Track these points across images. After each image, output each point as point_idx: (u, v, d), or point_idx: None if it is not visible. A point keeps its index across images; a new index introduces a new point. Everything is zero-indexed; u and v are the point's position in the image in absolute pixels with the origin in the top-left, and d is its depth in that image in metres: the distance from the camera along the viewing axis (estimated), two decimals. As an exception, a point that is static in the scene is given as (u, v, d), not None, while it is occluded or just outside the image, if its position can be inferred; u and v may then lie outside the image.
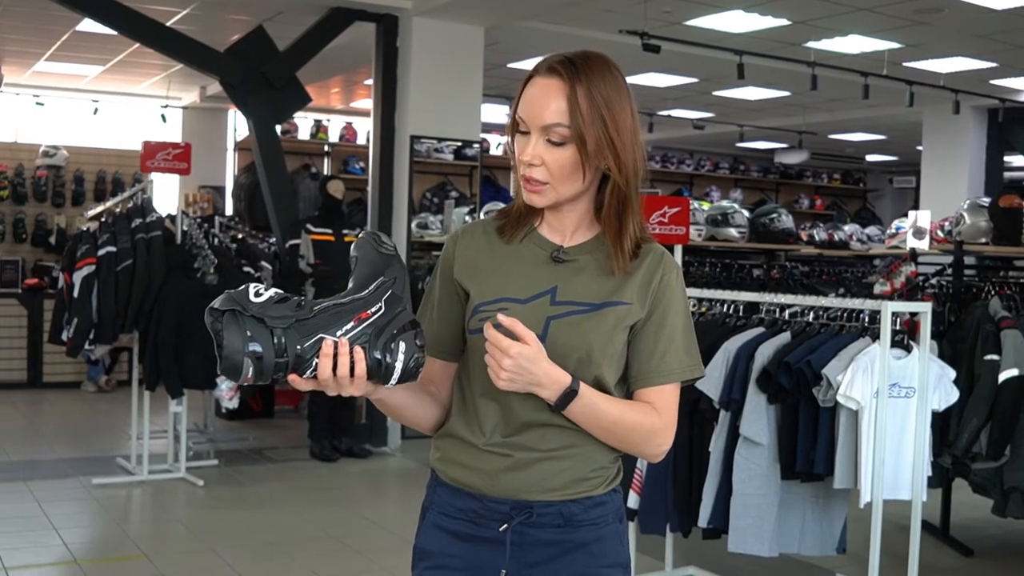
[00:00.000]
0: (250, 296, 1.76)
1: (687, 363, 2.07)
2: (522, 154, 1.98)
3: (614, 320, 2.01)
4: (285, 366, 1.75)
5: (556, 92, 1.95)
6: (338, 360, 1.78)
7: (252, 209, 12.15)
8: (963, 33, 9.26)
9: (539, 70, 1.99)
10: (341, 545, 5.91)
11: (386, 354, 1.80)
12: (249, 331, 1.73)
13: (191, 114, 14.09)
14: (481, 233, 2.12)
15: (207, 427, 8.81)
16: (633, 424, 2.02)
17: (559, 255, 2.06)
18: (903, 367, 4.36)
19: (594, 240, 2.07)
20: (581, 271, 2.05)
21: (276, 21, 8.84)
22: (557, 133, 1.95)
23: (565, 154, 1.96)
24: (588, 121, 1.94)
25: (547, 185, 1.98)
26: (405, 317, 1.83)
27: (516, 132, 2.01)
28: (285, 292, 1.82)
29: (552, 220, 2.08)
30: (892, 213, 19.82)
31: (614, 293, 2.02)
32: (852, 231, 11.08)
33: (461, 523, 2.08)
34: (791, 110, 13.83)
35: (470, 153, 13.22)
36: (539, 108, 1.96)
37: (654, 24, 8.52)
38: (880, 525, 4.32)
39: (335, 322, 1.80)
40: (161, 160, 7.40)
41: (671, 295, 2.06)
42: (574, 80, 1.95)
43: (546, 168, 1.97)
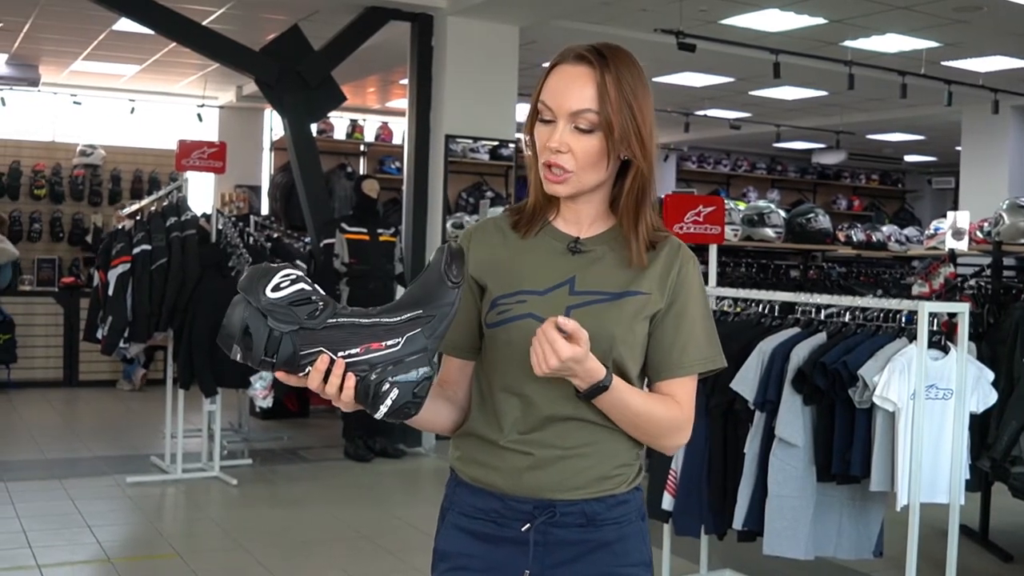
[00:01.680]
0: (266, 289, 1.75)
1: (707, 354, 2.05)
2: (549, 141, 1.95)
3: (634, 309, 1.99)
4: (271, 364, 1.74)
5: (585, 79, 1.94)
6: (329, 378, 1.77)
7: (288, 208, 12.18)
8: (1002, 32, 9.15)
9: (564, 58, 1.98)
10: (373, 545, 5.90)
11: (377, 394, 1.76)
12: (249, 322, 1.73)
13: (227, 113, 14.16)
14: (495, 229, 2.11)
15: (242, 426, 8.83)
16: (659, 418, 2.00)
17: (576, 246, 2.04)
18: (940, 368, 4.30)
19: (610, 232, 2.06)
20: (598, 261, 2.03)
21: (312, 20, 8.85)
22: (585, 119, 1.93)
23: (592, 142, 1.95)
24: (616, 108, 1.93)
25: (571, 173, 1.97)
26: (417, 364, 1.77)
27: (537, 121, 1.99)
28: (314, 289, 1.79)
29: (567, 213, 2.07)
30: (931, 214, 19.63)
31: (632, 283, 2.01)
32: (890, 232, 10.97)
33: (482, 523, 2.05)
34: (828, 110, 13.71)
35: (506, 153, 13.21)
36: (567, 94, 1.94)
37: (689, 23, 8.47)
38: (918, 529, 4.25)
39: (342, 341, 1.76)
40: (196, 159, 7.43)
41: (689, 286, 2.04)
42: (603, 68, 1.94)
43: (572, 156, 1.95)
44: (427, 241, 8.64)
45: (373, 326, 1.78)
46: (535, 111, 2.00)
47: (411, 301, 1.81)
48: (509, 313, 1.99)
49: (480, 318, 2.06)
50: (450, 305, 1.80)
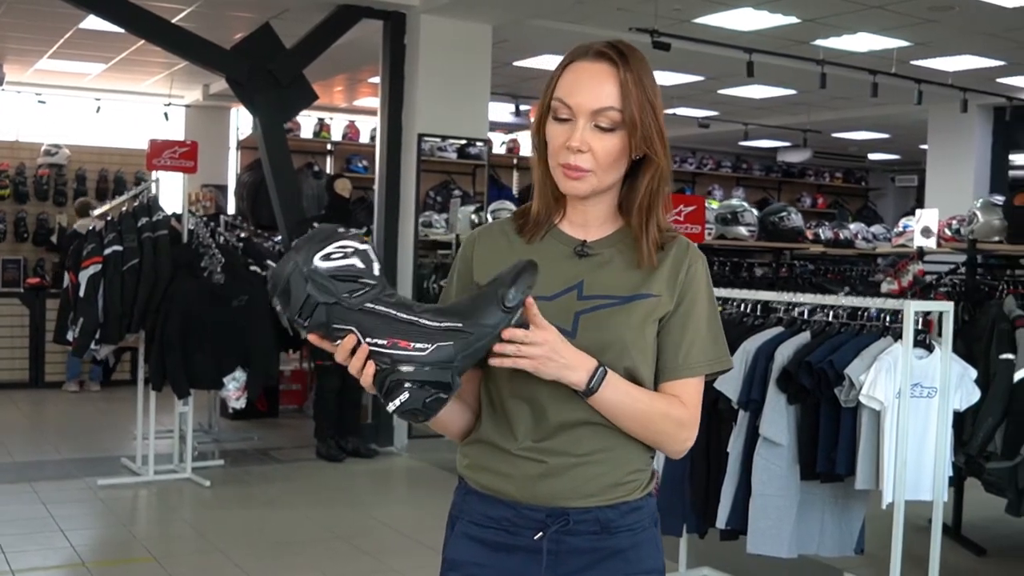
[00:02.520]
0: (316, 255, 1.74)
1: (713, 355, 2.03)
2: (570, 140, 1.92)
3: (644, 313, 1.97)
4: (304, 327, 1.75)
5: (606, 76, 1.92)
6: (352, 359, 1.77)
7: (255, 208, 12.12)
8: (972, 31, 9.21)
9: (580, 56, 1.96)
10: (349, 546, 5.86)
11: (389, 390, 1.76)
12: (291, 281, 1.73)
13: (194, 112, 14.04)
14: (500, 234, 2.08)
15: (212, 427, 8.76)
16: (663, 414, 1.98)
17: (583, 249, 2.02)
18: (925, 367, 4.32)
19: (617, 233, 2.04)
20: (607, 264, 2.01)
21: (282, 19, 8.78)
22: (608, 118, 1.92)
23: (614, 140, 1.93)
24: (639, 106, 1.92)
25: (590, 172, 1.94)
26: (437, 376, 1.75)
27: (551, 120, 1.96)
28: (367, 268, 1.77)
29: (574, 215, 2.04)
30: (894, 212, 19.79)
31: (642, 285, 1.98)
32: (857, 230, 11.06)
33: (493, 532, 2.02)
34: (796, 108, 13.77)
35: (473, 152, 13.18)
36: (590, 92, 1.92)
37: (663, 22, 8.47)
38: (902, 526, 4.28)
39: (373, 328, 1.75)
40: (167, 158, 7.35)
41: (698, 286, 2.02)
42: (624, 66, 1.93)
43: (592, 155, 1.93)
44: (399, 240, 8.59)
45: (408, 324, 1.76)
46: (546, 110, 1.97)
47: (458, 310, 1.79)
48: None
49: None
50: (492, 328, 1.77)
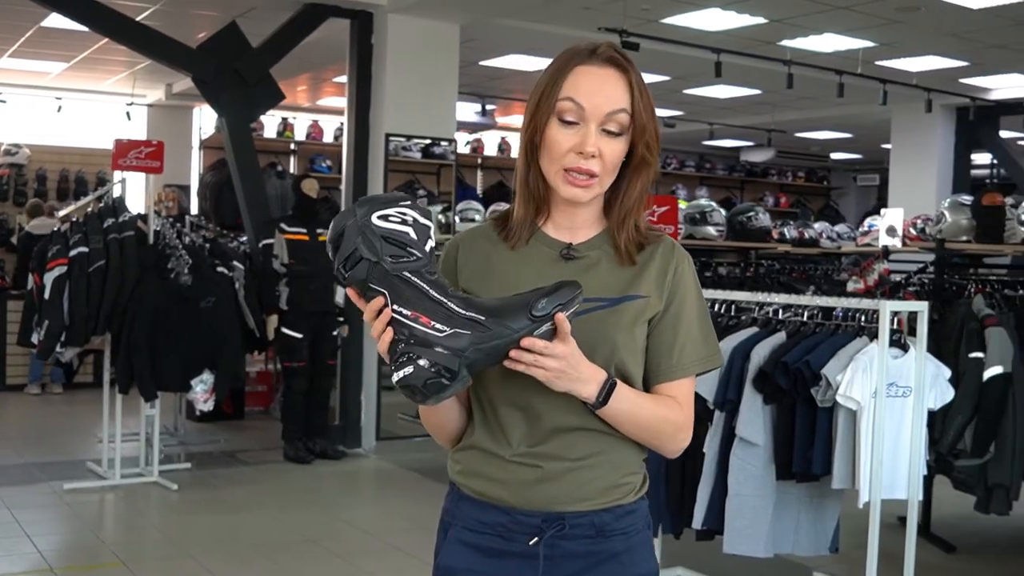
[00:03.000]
0: (375, 213, 1.77)
1: (705, 353, 2.03)
2: (584, 145, 1.90)
3: (633, 314, 1.96)
4: (344, 278, 1.79)
5: (618, 81, 1.94)
6: (376, 320, 1.79)
7: (218, 208, 12.00)
8: (937, 32, 9.28)
9: (585, 59, 1.95)
10: (321, 549, 5.82)
11: (397, 361, 1.77)
12: (346, 231, 1.77)
13: (156, 112, 13.90)
14: (483, 239, 2.05)
15: (177, 429, 8.68)
16: (664, 418, 1.99)
17: (569, 253, 2.00)
18: (900, 366, 4.34)
19: (602, 235, 2.03)
20: (593, 267, 1.99)
21: (248, 17, 8.71)
22: (618, 122, 1.92)
23: (620, 145, 1.94)
24: (645, 111, 1.95)
25: (597, 178, 1.93)
26: (444, 360, 1.74)
27: (557, 122, 1.93)
28: (419, 240, 1.78)
29: (561, 218, 2.02)
30: (855, 211, 19.93)
31: (630, 287, 1.98)
32: (822, 229, 11.10)
33: (488, 538, 2.00)
34: (760, 108, 13.83)
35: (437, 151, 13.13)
36: (603, 96, 1.92)
37: (631, 22, 8.48)
38: (878, 525, 4.30)
39: (404, 297, 1.77)
40: (133, 159, 7.27)
41: (686, 286, 2.02)
42: (630, 71, 1.95)
43: (600, 160, 1.92)
44: (367, 240, 8.53)
45: (436, 303, 1.77)
46: (549, 112, 1.94)
47: (489, 307, 1.78)
48: None
49: None
50: (512, 332, 1.76)
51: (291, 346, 7.85)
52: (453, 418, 2.04)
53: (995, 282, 6.12)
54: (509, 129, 15.81)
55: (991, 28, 9.06)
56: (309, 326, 7.84)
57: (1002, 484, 5.33)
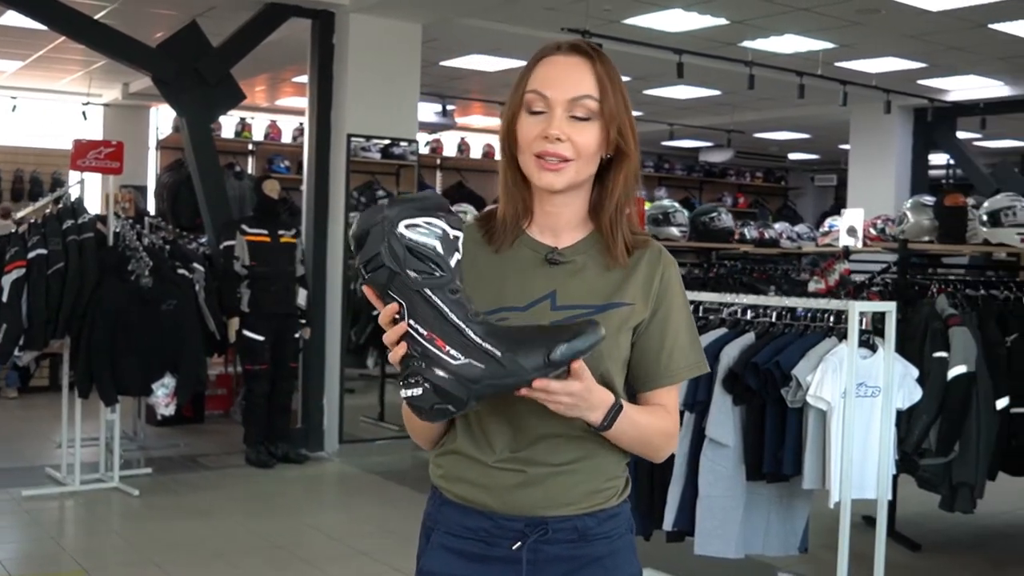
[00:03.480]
0: (403, 220, 1.71)
1: (692, 360, 2.03)
2: (548, 129, 1.89)
3: (618, 321, 1.95)
4: (364, 277, 1.75)
5: (583, 67, 1.92)
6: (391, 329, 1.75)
7: (175, 209, 11.86)
8: (896, 34, 9.35)
9: (552, 51, 1.96)
10: (288, 554, 5.77)
11: (405, 378, 1.75)
12: (371, 232, 1.71)
13: (112, 112, 13.74)
14: (467, 239, 1.99)
15: (137, 434, 8.58)
16: (660, 430, 2.00)
17: (554, 257, 1.98)
18: (869, 367, 4.36)
19: (588, 239, 2.00)
20: (579, 272, 1.97)
21: (208, 17, 8.62)
22: (584, 107, 1.90)
23: (591, 130, 1.91)
24: (613, 97, 1.92)
25: (570, 163, 1.91)
26: (453, 388, 1.71)
27: (525, 114, 1.93)
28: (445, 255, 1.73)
29: (543, 219, 2.00)
30: (813, 211, 20.07)
31: (616, 293, 1.96)
32: (782, 229, 11.15)
33: (471, 543, 1.98)
34: (720, 109, 13.88)
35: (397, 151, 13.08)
36: (566, 81, 1.91)
37: (593, 22, 8.48)
38: (848, 525, 4.32)
39: (421, 314, 1.72)
40: (92, 159, 7.16)
41: (673, 292, 2.01)
42: (596, 59, 1.93)
43: (571, 145, 1.90)
44: (328, 242, 8.49)
45: (454, 327, 1.72)
46: (518, 107, 1.94)
47: (507, 338, 1.74)
48: None
49: None
50: (527, 372, 1.72)
51: (252, 349, 7.77)
52: (436, 429, 2.03)
53: (957, 282, 6.17)
54: (469, 129, 15.79)
55: (949, 30, 9.14)
56: (271, 328, 7.77)
57: (966, 483, 5.37)
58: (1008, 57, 10.25)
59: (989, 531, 6.51)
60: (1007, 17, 8.69)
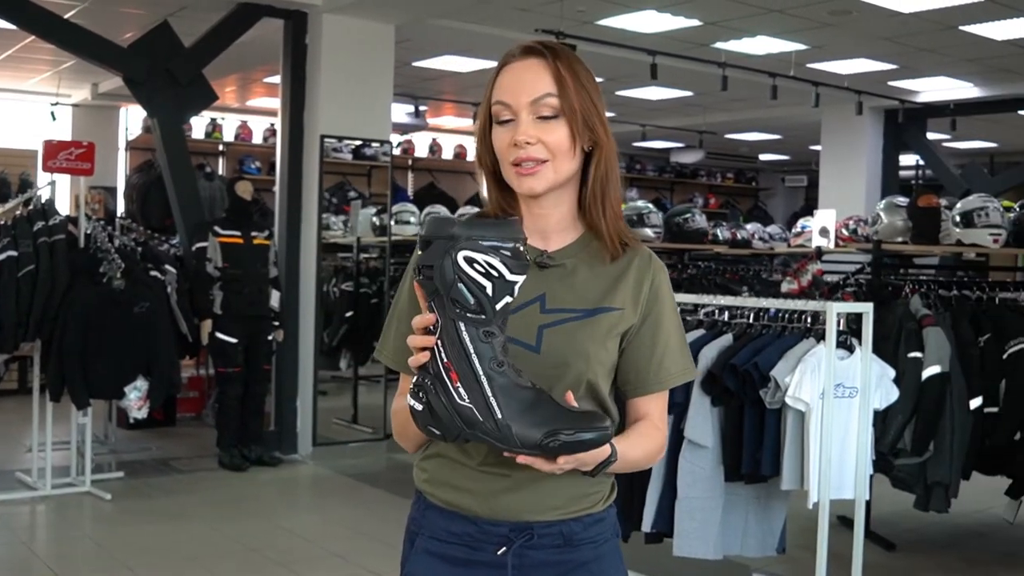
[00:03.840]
0: (463, 251, 1.68)
1: (682, 366, 2.03)
2: (516, 136, 1.89)
3: (607, 327, 1.94)
4: (416, 275, 1.75)
5: (539, 68, 1.91)
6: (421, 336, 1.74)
7: (145, 210, 11.79)
8: (868, 35, 9.40)
9: (510, 58, 1.95)
10: (263, 558, 5.73)
11: (416, 393, 1.73)
12: (435, 244, 1.70)
13: (81, 112, 13.60)
14: None
15: (108, 437, 8.51)
16: (650, 454, 2.01)
17: (544, 260, 1.97)
18: (847, 367, 4.37)
19: (579, 242, 2.00)
20: (569, 275, 1.96)
21: (180, 16, 8.56)
22: (547, 106, 1.89)
23: (560, 128, 1.90)
24: (575, 91, 1.90)
25: (547, 163, 1.90)
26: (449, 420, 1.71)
27: (495, 126, 1.93)
28: (491, 297, 1.69)
29: (532, 224, 1.99)
30: (783, 211, 20.16)
31: (605, 298, 1.95)
32: (754, 230, 11.21)
33: (455, 547, 1.97)
34: (691, 110, 13.92)
35: (368, 152, 13.05)
36: (524, 84, 1.90)
37: (567, 24, 8.48)
38: (827, 525, 4.32)
39: (448, 343, 1.70)
40: (63, 160, 7.09)
41: (663, 298, 2.01)
42: (552, 57, 1.92)
43: (543, 146, 1.89)
44: (301, 244, 8.44)
45: (471, 370, 1.70)
46: (487, 118, 1.95)
47: (520, 402, 1.72)
48: None
49: None
50: (516, 445, 1.71)
51: (225, 351, 7.72)
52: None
53: (930, 283, 6.20)
54: (441, 130, 15.76)
55: (920, 32, 9.20)
56: (243, 331, 7.72)
57: (941, 482, 5.39)
58: (978, 59, 10.33)
59: (963, 530, 6.54)
60: (977, 19, 8.76)
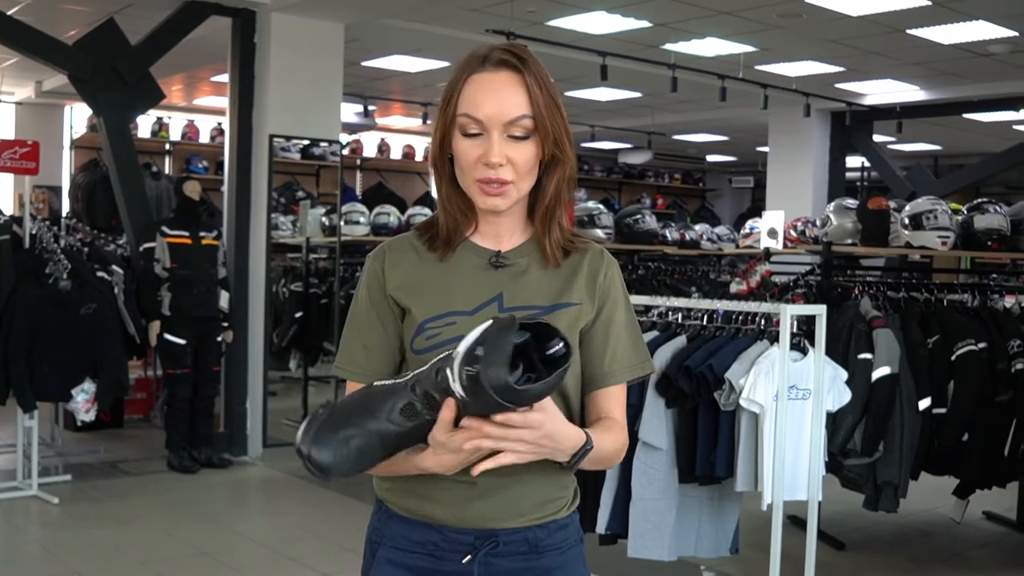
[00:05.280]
0: (506, 369, 1.61)
1: (635, 360, 2.01)
2: (489, 156, 1.85)
3: (568, 321, 1.93)
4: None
5: (514, 85, 1.87)
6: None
7: (91, 210, 11.65)
8: (816, 38, 9.50)
9: (478, 66, 1.89)
10: (214, 562, 5.67)
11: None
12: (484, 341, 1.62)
13: (25, 110, 13.41)
14: (409, 248, 2.00)
15: (55, 440, 8.39)
16: (616, 450, 1.98)
17: (499, 260, 1.96)
18: (800, 369, 4.40)
19: (530, 242, 1.99)
20: (524, 274, 1.96)
21: (126, 14, 8.46)
22: (521, 126, 1.86)
23: (529, 148, 1.88)
24: (546, 110, 1.87)
25: (511, 184, 1.88)
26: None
27: (460, 136, 1.88)
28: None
29: (487, 228, 1.98)
30: (730, 212, 20.32)
31: (562, 294, 1.95)
32: (703, 231, 11.29)
33: (419, 556, 1.95)
34: (639, 111, 13.98)
35: (317, 152, 13.01)
36: (500, 104, 1.86)
37: (517, 24, 8.48)
38: (780, 526, 4.35)
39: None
40: (7, 159, 6.99)
41: (616, 292, 2.01)
42: (526, 71, 1.87)
43: (511, 167, 1.87)
44: (250, 244, 8.37)
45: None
46: (450, 125, 1.90)
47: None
48: (439, 337, 1.89)
49: (401, 344, 1.96)
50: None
51: (174, 353, 7.64)
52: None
53: (879, 284, 6.27)
54: (389, 130, 15.71)
55: (867, 35, 9.31)
56: (192, 332, 7.65)
57: (890, 482, 5.45)
58: (923, 62, 10.46)
59: (911, 529, 6.62)
60: (923, 23, 8.88)
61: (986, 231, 6.60)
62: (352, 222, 10.03)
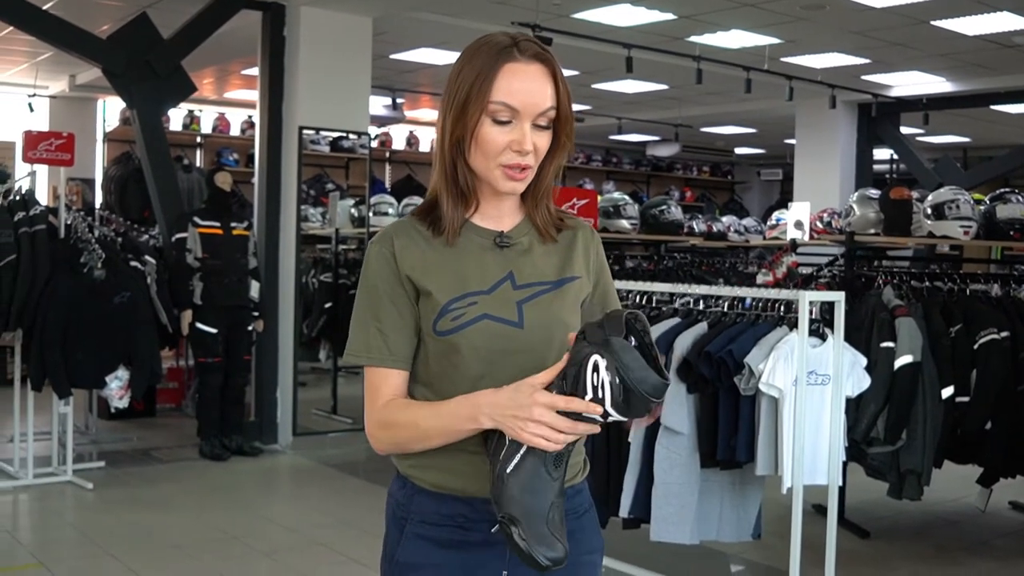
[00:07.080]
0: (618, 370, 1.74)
1: None
2: (522, 143, 1.92)
3: (574, 295, 2.04)
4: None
5: (546, 78, 1.95)
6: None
7: (123, 202, 11.81)
8: (841, 30, 9.51)
9: (514, 56, 1.93)
10: (244, 546, 5.78)
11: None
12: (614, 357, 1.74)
13: (59, 104, 13.59)
14: (414, 232, 2.03)
15: (88, 427, 8.53)
16: None
17: (503, 240, 2.03)
18: (819, 355, 4.45)
19: (525, 221, 2.08)
20: (528, 252, 2.04)
21: (158, 8, 8.58)
22: (547, 116, 1.95)
23: (549, 136, 1.98)
24: (567, 101, 1.98)
25: (531, 169, 1.98)
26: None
27: (491, 122, 1.93)
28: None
29: (488, 208, 2.04)
30: (759, 205, 20.29)
31: (565, 268, 2.05)
32: (730, 222, 11.32)
33: (448, 530, 1.99)
34: (667, 103, 14.01)
35: (346, 144, 13.12)
36: (533, 95, 1.93)
37: (543, 16, 8.54)
38: (801, 511, 4.40)
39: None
40: (43, 151, 7.12)
41: (604, 265, 2.15)
42: (554, 64, 1.97)
43: (534, 153, 1.96)
44: (280, 235, 8.48)
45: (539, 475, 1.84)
46: (480, 113, 1.93)
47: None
48: (464, 317, 1.94)
49: (417, 326, 2.01)
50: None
51: (205, 342, 7.76)
52: None
53: (902, 273, 6.30)
54: (418, 123, 15.79)
55: (892, 26, 9.31)
56: (223, 321, 7.76)
57: (914, 470, 5.49)
58: (949, 54, 10.45)
59: (935, 518, 6.65)
60: (948, 14, 8.87)
61: (1008, 221, 6.62)
62: (381, 213, 10.13)
